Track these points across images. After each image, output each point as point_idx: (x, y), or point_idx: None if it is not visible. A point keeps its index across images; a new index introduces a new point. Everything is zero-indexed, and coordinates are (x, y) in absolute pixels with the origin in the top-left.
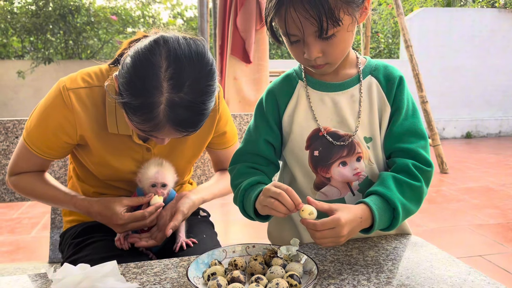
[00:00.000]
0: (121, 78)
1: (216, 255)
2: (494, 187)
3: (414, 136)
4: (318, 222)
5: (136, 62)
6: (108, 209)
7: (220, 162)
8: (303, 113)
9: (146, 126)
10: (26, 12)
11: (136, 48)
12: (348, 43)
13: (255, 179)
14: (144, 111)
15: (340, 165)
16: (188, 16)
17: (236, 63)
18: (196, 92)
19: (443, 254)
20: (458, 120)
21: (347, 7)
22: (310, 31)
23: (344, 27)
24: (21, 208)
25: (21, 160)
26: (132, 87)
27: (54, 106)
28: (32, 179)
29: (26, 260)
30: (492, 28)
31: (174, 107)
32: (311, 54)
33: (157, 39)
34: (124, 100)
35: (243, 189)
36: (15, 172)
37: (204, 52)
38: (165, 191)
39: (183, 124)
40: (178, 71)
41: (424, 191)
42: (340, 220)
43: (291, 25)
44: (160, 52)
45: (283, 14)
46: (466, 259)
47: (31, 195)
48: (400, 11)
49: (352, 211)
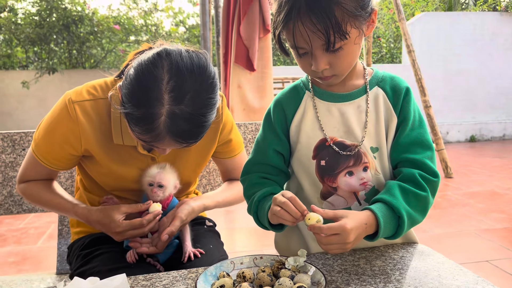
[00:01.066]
0: (124, 89)
1: (224, 267)
2: (499, 191)
3: (421, 147)
4: (325, 226)
5: (139, 74)
6: (107, 217)
7: (227, 172)
8: (310, 123)
9: (147, 137)
10: (30, 22)
11: (140, 60)
12: (355, 55)
13: (268, 190)
14: (145, 122)
15: (346, 175)
16: (190, 23)
17: (240, 71)
18: (196, 104)
19: (451, 263)
20: (462, 123)
21: (354, 20)
22: (318, 44)
23: (351, 40)
24: (27, 218)
25: (30, 169)
26: (134, 98)
27: (59, 119)
28: (39, 187)
29: (33, 270)
30: (494, 32)
31: (175, 118)
32: (319, 66)
33: (160, 52)
34: (127, 110)
35: (256, 200)
36: (24, 179)
37: (206, 65)
38: (160, 192)
39: (183, 136)
40: (179, 84)
41: (430, 201)
42: (346, 226)
43: (299, 38)
44: (162, 65)
45: (291, 27)
46: (473, 264)
47: (37, 202)
48: (401, 16)
49: (357, 217)
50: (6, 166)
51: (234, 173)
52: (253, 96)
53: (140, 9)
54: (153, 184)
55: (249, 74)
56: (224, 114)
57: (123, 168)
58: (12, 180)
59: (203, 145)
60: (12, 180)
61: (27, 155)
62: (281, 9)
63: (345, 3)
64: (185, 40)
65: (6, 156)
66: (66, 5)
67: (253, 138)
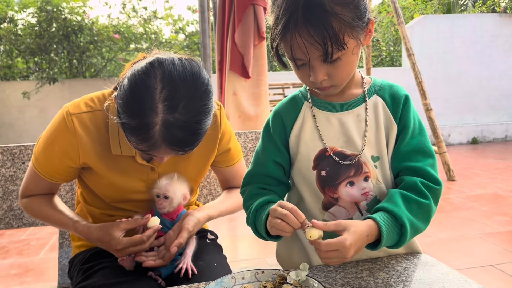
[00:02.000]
0: (119, 99)
1: (225, 283)
2: (503, 194)
3: (422, 154)
4: (323, 243)
5: (132, 84)
6: (107, 235)
7: (226, 181)
8: (309, 133)
9: (143, 146)
10: (30, 33)
11: (133, 70)
12: (353, 65)
13: (265, 199)
14: (140, 132)
15: (347, 185)
16: (190, 31)
17: (235, 79)
18: (191, 112)
19: (455, 273)
20: (463, 126)
21: (351, 31)
22: (316, 56)
23: (349, 50)
24: (28, 230)
25: (31, 184)
26: (129, 109)
27: (58, 132)
28: (41, 202)
29: (35, 282)
30: (494, 33)
31: (169, 127)
32: (317, 77)
33: (152, 62)
34: (122, 120)
35: (253, 210)
36: (26, 194)
37: (199, 73)
38: (166, 204)
39: (179, 144)
40: (173, 92)
41: (433, 209)
42: (345, 243)
43: (296, 50)
44: (155, 74)
45: (289, 39)
46: (478, 269)
47: (39, 217)
48: (400, 20)
49: (358, 230)
50: (6, 180)
51: (233, 182)
52: (249, 104)
53: (140, 17)
54: (160, 195)
55: (244, 81)
56: (223, 123)
57: (123, 178)
58: (12, 194)
59: (202, 154)
60: (12, 194)
61: (28, 169)
62: (278, 21)
63: (342, 14)
64: (185, 47)
65: (5, 170)
66: (66, 15)
67: (253, 147)
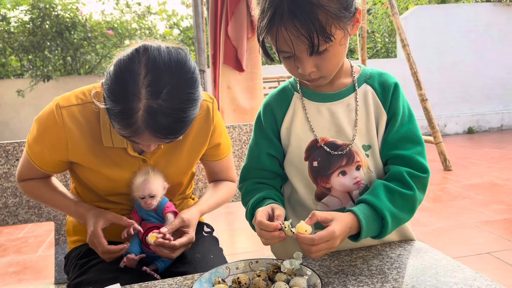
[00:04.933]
0: (105, 85)
1: (220, 273)
2: (499, 182)
3: (411, 142)
4: (316, 237)
5: (117, 69)
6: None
7: (214, 174)
8: (300, 124)
9: (126, 132)
10: (23, 31)
11: (119, 56)
12: (341, 56)
13: (261, 196)
14: (123, 117)
15: (339, 175)
16: (184, 25)
17: (229, 72)
18: (174, 99)
19: (448, 259)
20: (459, 115)
21: (338, 22)
22: (302, 48)
23: (336, 41)
24: (26, 227)
25: (26, 169)
26: (113, 94)
27: (47, 125)
28: (39, 186)
29: (34, 280)
30: (488, 22)
31: (152, 113)
32: (305, 69)
33: (138, 48)
34: (107, 106)
35: (250, 207)
36: (22, 178)
37: (184, 60)
38: (154, 201)
39: (162, 131)
40: (156, 78)
41: (417, 199)
42: (335, 232)
43: (282, 43)
44: (140, 60)
45: (275, 33)
46: (474, 257)
47: (38, 199)
48: (394, 11)
49: (343, 221)
50: (0, 177)
51: (220, 175)
52: (243, 97)
53: (134, 12)
54: (145, 197)
55: (238, 75)
56: (215, 117)
57: (115, 171)
58: (6, 191)
59: (194, 147)
60: (6, 191)
61: (23, 155)
62: (264, 15)
63: (328, 6)
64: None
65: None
66: (59, 12)
67: (248, 139)
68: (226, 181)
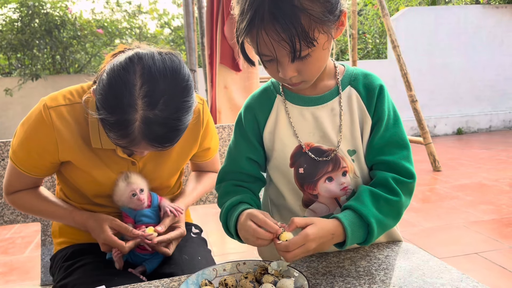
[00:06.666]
0: (97, 94)
1: (207, 275)
2: (487, 183)
3: (396, 147)
4: (289, 243)
5: (111, 80)
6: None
7: (198, 168)
8: (284, 129)
9: (123, 142)
10: (12, 29)
11: (112, 65)
12: (324, 60)
13: (237, 199)
14: (120, 128)
15: (326, 181)
16: (175, 25)
17: (226, 72)
18: (171, 108)
19: (435, 260)
20: (448, 117)
21: (322, 26)
22: (284, 53)
23: (319, 46)
24: (13, 228)
25: (13, 179)
26: (108, 105)
27: (35, 126)
28: (30, 197)
29: (20, 281)
30: (478, 24)
31: (149, 124)
32: (286, 74)
33: (131, 57)
34: (101, 116)
35: (225, 209)
36: (10, 191)
37: (179, 68)
38: (144, 196)
39: (159, 140)
40: (152, 89)
41: (403, 205)
42: (308, 236)
43: (263, 47)
44: (135, 70)
45: (255, 36)
46: (463, 257)
47: (30, 212)
48: (385, 12)
49: (324, 226)
50: None
51: (205, 169)
52: (240, 96)
53: (124, 11)
54: (136, 193)
55: (235, 75)
56: (205, 119)
57: (104, 172)
58: None
59: (183, 149)
60: None
61: (8, 165)
62: (243, 16)
63: (311, 9)
64: (171, 41)
65: None
66: (48, 10)
67: None
68: (209, 172)
